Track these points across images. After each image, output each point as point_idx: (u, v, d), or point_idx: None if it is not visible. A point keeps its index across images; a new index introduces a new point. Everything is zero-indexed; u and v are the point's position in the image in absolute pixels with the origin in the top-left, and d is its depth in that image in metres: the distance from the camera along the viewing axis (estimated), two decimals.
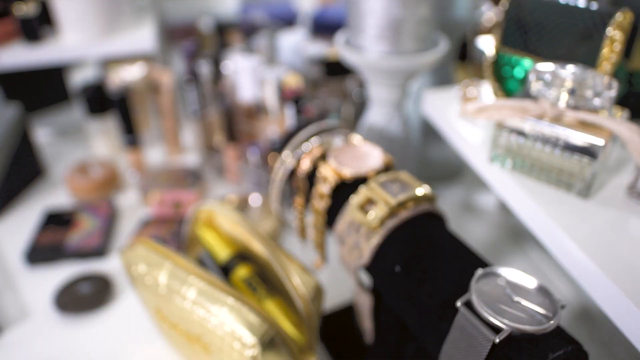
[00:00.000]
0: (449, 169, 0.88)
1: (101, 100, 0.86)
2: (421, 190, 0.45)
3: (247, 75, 0.81)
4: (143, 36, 0.84)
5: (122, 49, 0.84)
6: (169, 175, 0.83)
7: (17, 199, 0.85)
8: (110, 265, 0.71)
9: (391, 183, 0.46)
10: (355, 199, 0.46)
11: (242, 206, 0.79)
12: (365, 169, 0.49)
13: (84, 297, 0.65)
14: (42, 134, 1.03)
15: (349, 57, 0.62)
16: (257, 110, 0.83)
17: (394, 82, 0.63)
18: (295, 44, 0.88)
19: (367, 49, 0.60)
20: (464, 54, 0.90)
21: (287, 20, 1.43)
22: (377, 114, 0.67)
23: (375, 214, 0.44)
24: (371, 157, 0.51)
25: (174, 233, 0.72)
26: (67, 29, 0.83)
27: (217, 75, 0.87)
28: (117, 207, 0.81)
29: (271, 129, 0.81)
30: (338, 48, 0.64)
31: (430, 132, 0.85)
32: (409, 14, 0.57)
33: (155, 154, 0.96)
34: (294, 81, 0.77)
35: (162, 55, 0.98)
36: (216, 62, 0.86)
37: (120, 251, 0.53)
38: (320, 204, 0.50)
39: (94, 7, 0.80)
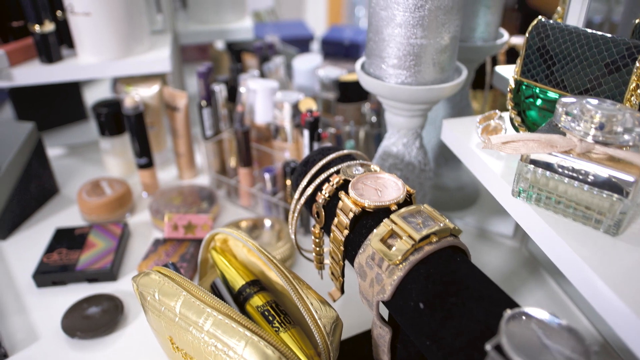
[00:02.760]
0: (464, 197, 0.87)
1: (116, 120, 0.86)
2: (445, 224, 0.44)
3: (262, 98, 0.81)
4: (159, 58, 0.84)
5: (139, 70, 0.84)
6: (182, 197, 0.83)
7: (30, 217, 0.84)
8: (121, 288, 0.70)
9: (414, 216, 0.45)
10: (377, 232, 0.45)
11: (255, 230, 0.78)
12: (386, 200, 0.48)
13: (94, 321, 0.64)
14: (56, 152, 1.02)
15: (369, 84, 0.61)
16: (271, 134, 0.83)
17: (414, 111, 0.62)
18: (311, 67, 0.88)
19: (387, 77, 0.60)
20: (479, 81, 0.90)
21: (300, 40, 1.44)
22: (394, 141, 0.66)
23: (398, 248, 0.43)
24: (392, 187, 0.50)
25: (186, 256, 0.71)
26: (85, 50, 0.83)
27: (232, 98, 0.87)
28: (129, 227, 0.80)
29: (285, 154, 0.80)
30: (358, 75, 0.63)
31: (445, 159, 0.84)
32: (430, 43, 0.57)
33: (168, 175, 0.95)
34: (309, 105, 0.76)
35: (177, 75, 0.98)
36: (231, 86, 0.86)
37: (133, 277, 0.52)
38: (340, 234, 0.49)
39: (111, 29, 0.80)
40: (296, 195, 0.55)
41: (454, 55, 0.60)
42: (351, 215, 0.48)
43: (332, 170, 0.54)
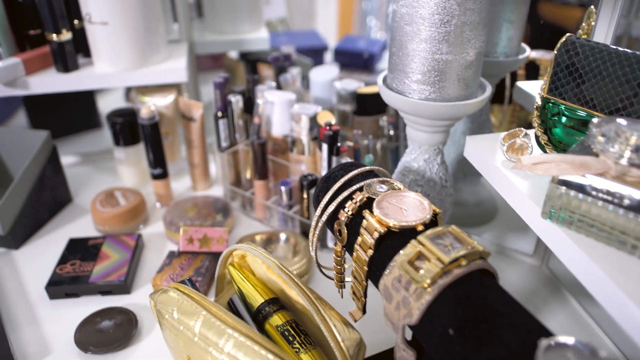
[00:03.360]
0: (483, 213, 0.85)
1: (130, 129, 0.85)
2: (474, 246, 0.43)
3: (279, 110, 0.80)
4: (176, 68, 0.84)
5: (155, 80, 0.84)
6: (196, 209, 0.82)
7: (43, 227, 0.84)
8: (135, 301, 0.69)
9: (442, 237, 0.44)
10: (404, 253, 0.44)
11: (270, 244, 0.77)
12: (412, 220, 0.46)
13: (108, 335, 0.63)
14: (69, 160, 1.02)
15: (391, 99, 0.60)
16: (288, 147, 0.82)
17: (436, 127, 0.61)
18: (328, 79, 0.87)
19: (411, 92, 0.59)
20: (498, 95, 0.89)
21: (314, 51, 1.44)
22: (416, 157, 0.65)
23: (426, 271, 0.42)
24: (418, 207, 0.48)
25: (201, 270, 0.70)
26: (101, 59, 0.82)
27: (248, 109, 0.86)
28: (142, 239, 0.79)
29: (302, 166, 0.79)
30: (380, 89, 0.62)
31: (464, 175, 0.83)
32: (455, 58, 0.56)
33: (181, 186, 0.94)
34: (328, 118, 0.75)
35: (192, 85, 0.97)
36: (248, 97, 0.86)
37: (150, 295, 0.51)
38: (364, 254, 0.48)
39: (129, 39, 0.80)
40: (317, 212, 0.54)
41: (479, 71, 0.59)
42: (376, 235, 0.47)
43: (355, 187, 0.53)
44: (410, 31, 0.55)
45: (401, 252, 0.44)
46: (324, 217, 0.53)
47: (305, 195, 0.75)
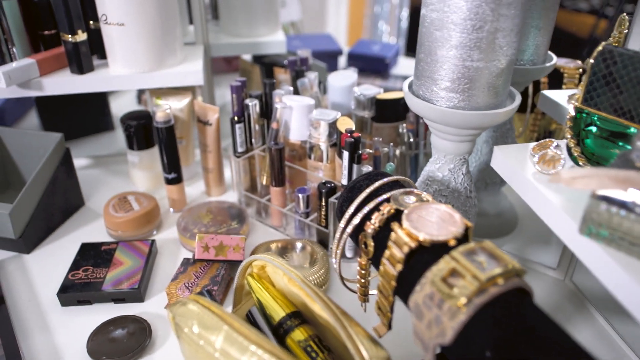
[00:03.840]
0: (503, 223, 0.83)
1: (145, 133, 0.84)
2: (510, 263, 0.41)
3: (297, 115, 0.78)
4: (192, 70, 0.82)
5: (171, 83, 0.82)
6: (211, 215, 0.80)
7: (55, 231, 0.82)
8: (148, 309, 0.67)
9: (476, 253, 0.42)
10: (437, 270, 0.42)
11: (285, 252, 0.75)
12: (445, 235, 0.45)
13: (121, 345, 0.61)
14: (80, 163, 1.00)
15: (417, 107, 0.59)
16: (305, 153, 0.80)
17: (463, 136, 0.59)
18: (347, 84, 0.86)
19: (438, 100, 0.57)
20: (521, 104, 0.87)
21: (328, 54, 1.42)
22: (440, 166, 0.63)
23: (461, 289, 0.40)
24: (449, 220, 0.46)
25: (217, 279, 0.68)
26: (116, 61, 0.81)
27: (264, 114, 0.84)
28: (156, 245, 0.78)
29: (319, 173, 0.77)
30: (406, 96, 0.60)
31: (485, 184, 0.81)
32: (486, 66, 0.54)
33: (194, 191, 0.93)
34: (348, 125, 0.73)
35: (207, 88, 0.96)
36: (265, 101, 0.84)
37: (169, 306, 0.49)
38: (392, 269, 0.46)
39: (145, 41, 0.78)
40: (342, 224, 0.52)
41: (509, 79, 0.58)
42: (406, 249, 0.45)
43: (381, 198, 0.51)
44: (440, 37, 0.54)
45: (433, 268, 0.42)
46: (349, 229, 0.51)
47: (323, 203, 0.73)
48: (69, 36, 0.78)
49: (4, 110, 1.08)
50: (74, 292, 0.67)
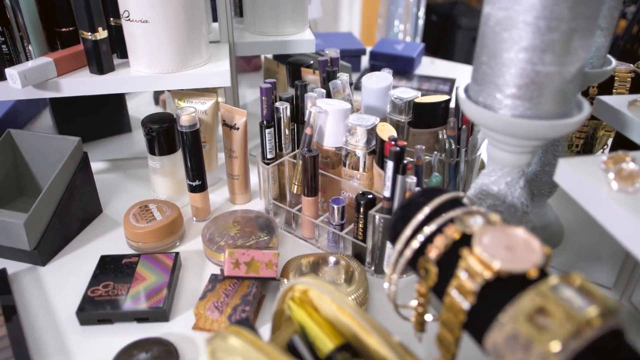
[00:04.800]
0: (550, 236, 0.78)
1: (167, 137, 0.79)
2: (606, 301, 0.36)
3: (333, 121, 0.73)
4: (218, 70, 0.77)
5: (196, 84, 0.77)
6: (239, 226, 0.75)
7: (72, 241, 0.77)
8: (174, 330, 0.62)
9: (565, 288, 0.37)
10: (522, 307, 0.36)
11: (317, 267, 0.70)
12: (524, 264, 0.39)
13: None
14: (97, 167, 0.95)
15: (477, 115, 0.53)
16: (340, 160, 0.75)
17: (525, 147, 0.54)
18: (382, 87, 0.80)
19: (502, 108, 0.51)
20: None
21: (351, 54, 1.36)
22: (496, 179, 0.58)
23: (553, 331, 0.34)
24: (526, 246, 0.41)
25: (248, 297, 0.63)
26: (138, 60, 0.76)
27: (294, 118, 0.79)
28: (180, 257, 0.72)
29: (354, 182, 0.72)
30: (463, 103, 0.55)
31: (532, 195, 0.76)
32: (559, 71, 0.48)
33: (218, 198, 0.87)
34: (389, 131, 0.68)
35: (232, 90, 0.91)
36: (296, 105, 0.79)
37: (208, 340, 0.44)
38: (461, 301, 0.41)
39: (169, 39, 0.73)
40: (398, 246, 0.47)
41: (579, 85, 0.52)
42: (480, 280, 0.39)
43: (444, 218, 0.45)
44: (508, 38, 0.48)
45: (516, 304, 0.37)
46: (408, 253, 0.46)
47: (361, 215, 0.68)
48: (89, 34, 0.73)
49: (16, 110, 1.03)
50: (94, 310, 0.63)
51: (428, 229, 0.45)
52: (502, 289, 0.39)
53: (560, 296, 0.36)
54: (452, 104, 0.79)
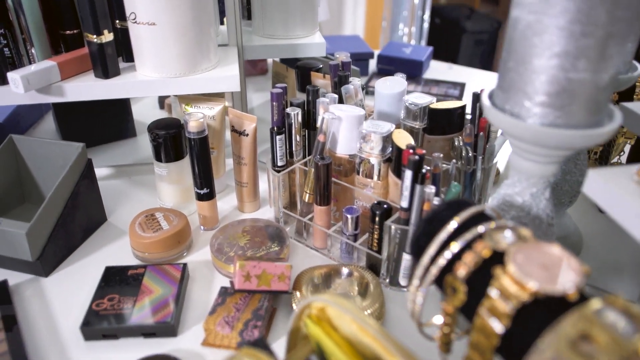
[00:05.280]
0: (569, 246, 0.75)
1: (174, 144, 0.76)
2: None
3: (346, 127, 0.70)
4: (228, 75, 0.75)
5: (205, 89, 0.75)
6: (248, 236, 0.72)
7: (76, 251, 0.75)
8: (182, 346, 0.60)
9: (608, 311, 0.34)
10: (564, 333, 0.34)
11: (329, 279, 0.67)
12: (563, 285, 0.37)
13: None
14: (100, 173, 0.93)
15: (503, 123, 0.51)
16: (353, 169, 0.72)
17: (553, 157, 0.51)
18: (396, 92, 0.78)
19: (531, 116, 0.49)
20: None
21: (359, 57, 1.34)
22: (520, 190, 0.55)
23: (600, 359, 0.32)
24: (564, 264, 0.39)
25: (259, 312, 0.60)
26: (145, 64, 0.74)
27: (307, 125, 0.77)
28: (188, 269, 0.70)
29: (367, 191, 0.70)
30: (488, 111, 0.52)
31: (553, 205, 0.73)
32: (592, 78, 0.46)
33: (225, 206, 0.85)
34: (406, 139, 0.66)
35: (240, 94, 0.88)
36: (307, 110, 0.76)
37: None
38: (494, 324, 0.38)
39: (177, 42, 0.71)
40: (423, 263, 0.44)
41: (611, 93, 0.49)
42: (516, 302, 0.37)
43: (472, 233, 0.43)
44: (538, 43, 0.46)
45: (557, 329, 0.34)
46: (435, 270, 0.43)
47: (376, 226, 0.66)
48: (94, 36, 0.71)
49: (18, 114, 1.01)
50: (99, 325, 0.60)
51: (456, 245, 0.43)
52: (538, 312, 0.37)
53: (605, 321, 0.34)
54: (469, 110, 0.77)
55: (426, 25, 2.65)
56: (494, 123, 0.52)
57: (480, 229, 0.43)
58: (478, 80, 1.36)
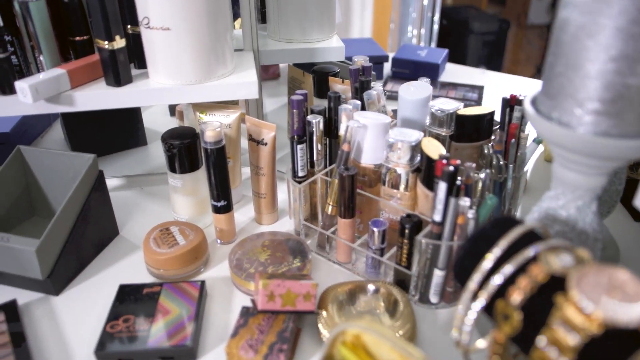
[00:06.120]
0: (606, 258, 0.71)
1: (189, 154, 0.73)
2: None
3: (372, 136, 0.67)
4: (245, 82, 0.71)
5: (222, 96, 0.71)
6: (269, 251, 0.69)
7: (87, 267, 0.71)
8: None
9: None
10: None
11: (353, 296, 0.64)
12: (637, 316, 0.33)
13: None
14: (111, 184, 0.89)
15: (550, 132, 0.47)
16: (379, 179, 0.69)
17: (603, 169, 0.47)
18: (422, 98, 0.74)
19: (581, 125, 0.45)
20: None
21: (373, 61, 1.30)
22: (565, 203, 0.51)
23: None
24: (633, 290, 0.35)
25: (285, 334, 0.57)
26: (158, 71, 0.70)
27: (329, 133, 0.73)
28: (205, 286, 0.66)
29: (393, 202, 0.66)
30: (532, 119, 0.49)
31: None
32: None
33: (242, 218, 0.81)
34: (438, 148, 0.62)
35: (257, 101, 0.85)
36: (329, 118, 0.73)
37: None
38: (558, 359, 0.34)
39: (193, 48, 0.67)
40: (472, 286, 0.40)
41: None
42: (584, 335, 0.33)
43: (525, 255, 0.39)
44: (593, 46, 0.42)
45: None
46: (486, 295, 0.39)
47: (406, 240, 0.62)
48: (106, 43, 0.67)
49: (24, 123, 0.98)
50: (114, 349, 0.56)
51: (509, 269, 0.39)
52: (608, 344, 0.33)
53: None
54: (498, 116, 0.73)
55: (436, 27, 2.62)
56: (539, 132, 0.49)
57: (533, 250, 0.39)
58: (496, 83, 1.32)
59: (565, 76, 0.45)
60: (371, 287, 0.65)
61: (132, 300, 0.63)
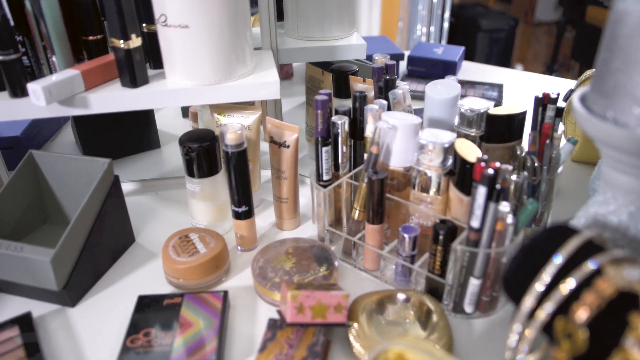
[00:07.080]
0: None
1: (208, 158, 0.70)
2: None
3: (402, 137, 0.64)
4: (266, 82, 0.68)
5: (242, 97, 0.68)
6: (294, 259, 0.66)
7: (104, 277, 0.68)
8: None
9: None
10: None
11: (382, 306, 0.60)
12: None
13: None
14: (125, 189, 0.86)
15: (604, 133, 0.44)
16: (409, 183, 0.65)
17: None
18: (450, 97, 0.71)
19: (638, 125, 0.42)
20: None
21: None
22: (616, 209, 0.48)
23: None
24: None
25: (315, 348, 0.54)
26: (175, 71, 0.67)
27: (355, 135, 0.70)
28: (228, 297, 0.63)
29: (422, 207, 0.63)
30: (582, 118, 0.45)
31: None
32: None
33: (263, 223, 0.78)
34: (473, 150, 0.59)
35: (276, 102, 0.82)
36: (354, 118, 0.70)
37: None
38: None
39: (212, 47, 0.64)
40: (529, 302, 0.37)
41: None
42: None
43: (589, 269, 0.36)
44: None
45: None
46: (543, 314, 0.36)
47: (440, 247, 0.59)
48: (121, 42, 0.64)
49: (35, 126, 0.95)
50: None
51: (572, 283, 0.36)
52: None
53: None
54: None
55: (446, 24, 2.58)
56: (591, 132, 0.45)
57: (595, 263, 0.36)
58: (514, 81, 1.29)
59: (624, 73, 0.42)
60: (401, 296, 0.62)
61: (152, 312, 0.60)
